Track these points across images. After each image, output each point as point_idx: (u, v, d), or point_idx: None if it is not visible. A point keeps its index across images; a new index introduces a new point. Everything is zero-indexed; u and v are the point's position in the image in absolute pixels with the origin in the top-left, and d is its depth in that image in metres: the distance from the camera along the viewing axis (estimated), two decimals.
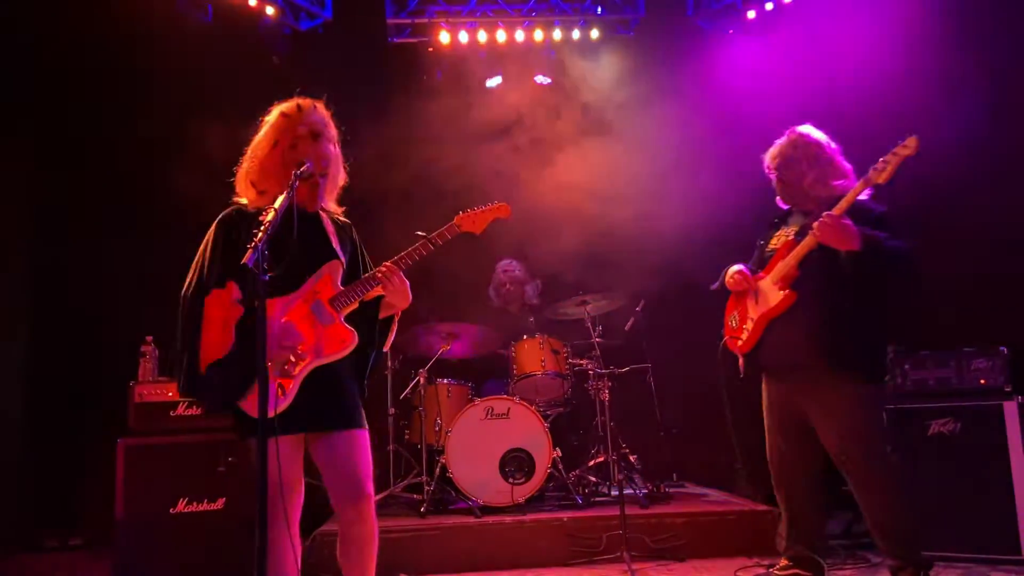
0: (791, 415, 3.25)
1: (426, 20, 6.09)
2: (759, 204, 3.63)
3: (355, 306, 2.51)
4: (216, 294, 2.38)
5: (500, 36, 6.05)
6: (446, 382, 4.83)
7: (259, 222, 2.13)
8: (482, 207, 2.73)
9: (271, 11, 5.64)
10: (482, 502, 4.32)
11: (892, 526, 3.05)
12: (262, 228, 2.08)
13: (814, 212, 3.13)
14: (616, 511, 3.85)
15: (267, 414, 2.06)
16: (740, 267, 3.37)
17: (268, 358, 2.29)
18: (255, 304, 2.29)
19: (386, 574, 3.11)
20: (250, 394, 2.32)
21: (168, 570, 3.67)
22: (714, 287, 3.53)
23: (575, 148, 5.38)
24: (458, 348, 4.97)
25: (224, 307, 2.37)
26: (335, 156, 2.59)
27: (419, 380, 4.74)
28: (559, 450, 4.57)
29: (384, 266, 2.54)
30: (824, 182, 3.22)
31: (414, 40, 6.21)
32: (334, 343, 2.45)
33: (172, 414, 3.86)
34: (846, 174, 3.23)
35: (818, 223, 3.00)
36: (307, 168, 2.39)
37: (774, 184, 3.38)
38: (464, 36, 6.04)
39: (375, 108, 5.49)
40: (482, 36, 6.04)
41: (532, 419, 4.46)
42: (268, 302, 2.37)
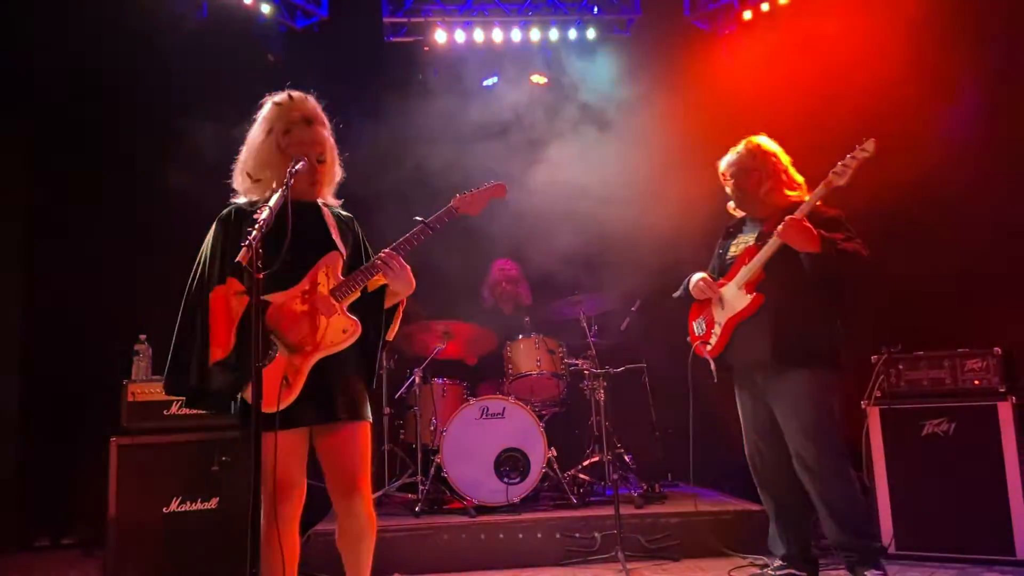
0: (764, 414, 3.36)
1: (422, 19, 6.07)
2: None
3: (356, 295, 2.52)
4: (218, 291, 2.38)
5: (496, 35, 6.04)
6: (441, 381, 4.82)
7: (255, 220, 2.13)
8: (479, 188, 2.74)
9: (267, 9, 5.62)
10: (477, 502, 4.32)
11: (850, 516, 3.15)
12: (256, 226, 2.08)
13: (769, 219, 3.32)
14: (611, 511, 3.84)
15: (260, 410, 2.05)
16: (703, 275, 3.51)
17: (279, 344, 2.36)
18: (253, 301, 2.29)
19: (381, 574, 3.10)
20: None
21: (160, 570, 3.65)
22: (677, 295, 3.66)
23: (571, 148, 5.38)
24: (453, 347, 4.97)
25: (226, 304, 2.37)
26: (330, 143, 2.60)
27: (414, 379, 4.74)
28: (554, 450, 4.56)
29: (384, 253, 2.55)
30: (779, 190, 3.37)
31: (410, 39, 6.19)
32: (337, 334, 2.46)
33: (165, 413, 3.84)
34: (799, 184, 3.40)
35: (783, 225, 3.12)
36: (303, 165, 2.39)
37: (729, 192, 3.52)
38: (460, 35, 6.04)
39: (371, 106, 5.48)
40: (478, 35, 6.04)
41: (527, 419, 4.46)
42: (269, 296, 2.38)
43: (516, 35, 6.05)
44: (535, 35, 6.06)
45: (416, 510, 4.31)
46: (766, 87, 5.10)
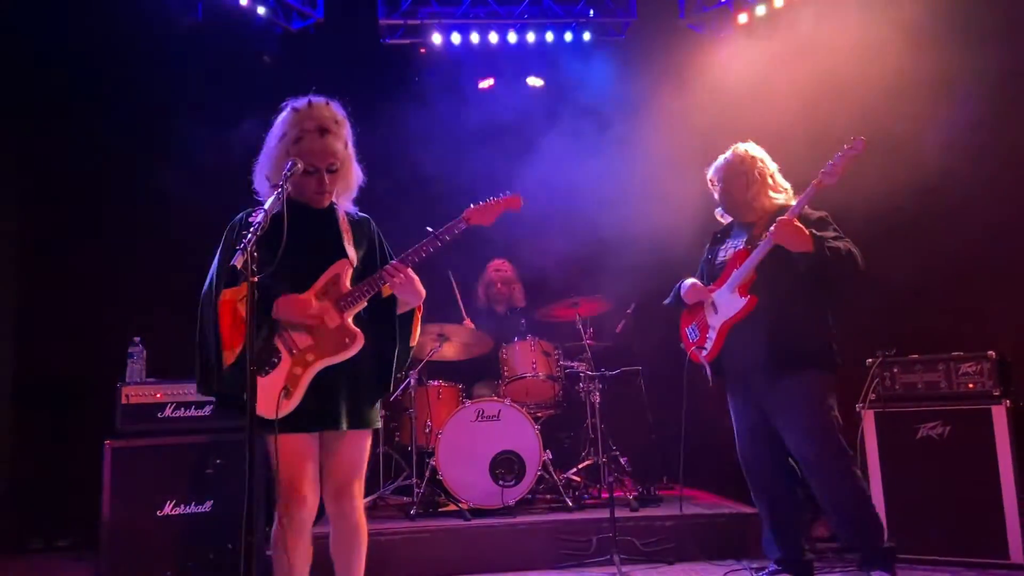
0: (757, 417, 3.36)
1: (418, 21, 6.07)
2: None
3: (362, 305, 2.52)
4: (225, 295, 2.39)
5: (493, 38, 6.05)
6: (436, 384, 4.81)
7: (250, 224, 2.14)
8: (493, 199, 2.74)
9: (262, 11, 5.61)
10: (472, 504, 4.31)
11: (858, 516, 3.16)
12: (251, 230, 2.09)
13: (757, 223, 3.37)
14: (606, 513, 3.84)
15: (255, 412, 2.06)
16: (694, 280, 3.54)
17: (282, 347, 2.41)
18: (266, 305, 2.38)
19: None
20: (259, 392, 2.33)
21: (154, 573, 3.64)
22: (667, 302, 3.69)
23: (567, 150, 5.38)
24: (449, 349, 4.96)
25: (234, 309, 2.37)
26: (344, 155, 2.57)
27: (410, 381, 4.73)
28: (549, 452, 4.56)
29: (390, 264, 2.55)
30: (765, 194, 3.42)
31: (406, 41, 6.19)
32: (340, 344, 2.46)
33: (160, 416, 3.83)
34: (785, 188, 3.45)
35: (775, 226, 3.15)
36: (299, 168, 2.38)
37: (717, 197, 3.56)
38: (456, 38, 6.04)
39: (366, 109, 5.45)
40: (475, 38, 6.04)
41: (523, 421, 4.45)
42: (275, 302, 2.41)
43: (512, 38, 6.05)
44: (531, 38, 6.07)
45: (411, 513, 4.30)
46: (761, 90, 5.10)
